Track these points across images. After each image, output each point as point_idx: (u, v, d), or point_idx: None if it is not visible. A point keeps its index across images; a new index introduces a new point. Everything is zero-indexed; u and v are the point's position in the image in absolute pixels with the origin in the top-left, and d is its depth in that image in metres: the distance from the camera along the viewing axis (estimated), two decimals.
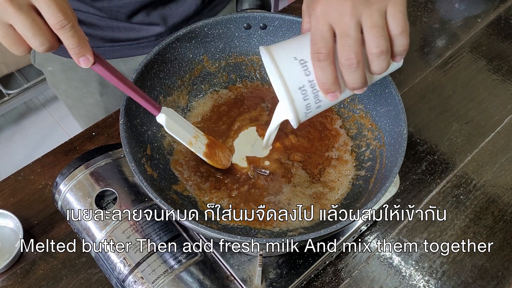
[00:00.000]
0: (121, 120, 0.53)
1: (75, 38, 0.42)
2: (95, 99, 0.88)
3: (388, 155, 0.56)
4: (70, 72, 0.84)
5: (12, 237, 0.67)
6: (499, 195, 0.74)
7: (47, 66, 0.86)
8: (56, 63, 0.84)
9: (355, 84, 0.44)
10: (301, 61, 0.45)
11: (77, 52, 0.43)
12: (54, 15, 0.40)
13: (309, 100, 0.46)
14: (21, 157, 1.87)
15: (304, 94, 0.46)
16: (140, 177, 0.49)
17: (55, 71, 0.86)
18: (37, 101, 2.05)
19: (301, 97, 0.46)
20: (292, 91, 0.45)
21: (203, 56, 0.66)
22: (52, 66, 0.85)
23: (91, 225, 0.58)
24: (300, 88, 0.45)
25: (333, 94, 0.45)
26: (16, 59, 1.73)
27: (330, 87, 0.44)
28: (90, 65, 0.45)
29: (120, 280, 0.55)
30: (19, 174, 0.74)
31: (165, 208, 0.47)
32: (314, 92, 0.46)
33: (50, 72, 0.87)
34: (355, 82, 0.44)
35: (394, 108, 0.57)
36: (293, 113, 0.47)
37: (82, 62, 0.44)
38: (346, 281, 0.65)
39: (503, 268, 0.66)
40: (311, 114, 0.48)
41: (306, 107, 0.47)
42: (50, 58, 0.84)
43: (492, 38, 0.94)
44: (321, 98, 0.46)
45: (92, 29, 0.76)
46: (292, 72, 0.45)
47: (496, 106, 0.83)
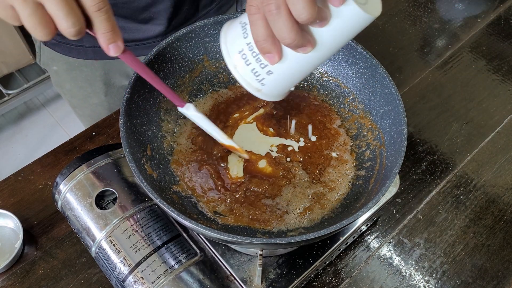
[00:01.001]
0: (121, 120, 0.53)
1: (109, 22, 0.40)
2: (100, 99, 0.88)
3: (388, 155, 0.56)
4: (75, 72, 0.84)
5: (12, 237, 0.68)
6: (499, 195, 0.74)
7: (52, 66, 0.86)
8: (61, 62, 0.84)
9: (284, 36, 0.39)
10: (242, 23, 0.42)
11: (109, 38, 0.41)
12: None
13: (252, 64, 0.43)
14: (21, 157, 1.87)
15: (244, 59, 0.43)
16: (140, 177, 0.49)
17: (60, 70, 0.85)
18: (37, 101, 2.05)
19: (243, 61, 0.43)
20: (232, 56, 0.43)
21: (203, 56, 0.66)
22: (57, 66, 0.85)
23: (91, 225, 0.58)
24: (239, 52, 0.42)
25: (270, 55, 0.41)
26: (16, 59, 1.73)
27: (263, 46, 0.40)
28: (120, 53, 0.42)
29: (120, 280, 0.55)
30: (19, 174, 0.74)
31: (165, 208, 0.47)
32: (254, 55, 0.42)
33: (55, 71, 0.87)
34: (283, 34, 0.38)
35: (394, 108, 0.57)
36: (240, 80, 0.44)
37: (112, 48, 0.42)
38: (346, 281, 0.65)
39: (503, 268, 0.66)
40: (268, 81, 0.44)
41: (253, 73, 0.43)
42: (56, 58, 0.84)
43: (492, 38, 0.94)
44: (264, 61, 0.43)
45: None
46: (233, 37, 0.42)
47: (496, 106, 0.83)
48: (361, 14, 0.38)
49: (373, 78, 0.61)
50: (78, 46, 0.79)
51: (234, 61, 0.43)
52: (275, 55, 0.41)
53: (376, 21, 0.96)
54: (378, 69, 0.59)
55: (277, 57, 0.41)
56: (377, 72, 0.60)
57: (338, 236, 0.61)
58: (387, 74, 0.59)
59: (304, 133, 0.64)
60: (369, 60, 0.61)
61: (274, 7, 0.37)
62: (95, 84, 0.86)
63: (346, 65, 0.65)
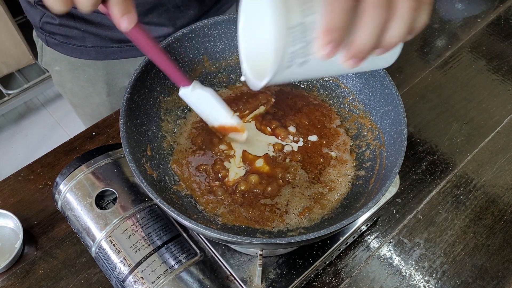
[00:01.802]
0: (121, 120, 0.53)
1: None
2: (102, 99, 0.88)
3: (388, 155, 0.56)
4: (78, 71, 0.84)
5: (12, 237, 0.68)
6: (499, 195, 0.74)
7: (54, 66, 0.86)
8: (64, 63, 0.84)
9: (391, 40, 0.34)
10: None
11: (122, 9, 0.40)
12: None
13: (296, 47, 0.34)
14: (21, 157, 1.87)
15: (293, 37, 0.34)
16: (140, 177, 0.49)
17: (62, 70, 0.86)
18: (37, 101, 2.05)
19: (288, 40, 0.34)
20: (282, 29, 0.33)
21: (203, 56, 0.66)
22: (59, 66, 0.85)
23: (91, 225, 0.58)
24: (291, 28, 0.33)
25: (330, 47, 0.33)
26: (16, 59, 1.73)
27: (334, 36, 0.33)
28: (134, 24, 0.41)
29: (120, 280, 0.55)
30: (19, 174, 0.74)
31: (165, 208, 0.47)
32: (306, 38, 0.34)
33: (57, 71, 0.87)
34: (393, 38, 0.34)
35: (394, 108, 0.57)
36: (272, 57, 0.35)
37: (126, 20, 0.40)
38: (346, 281, 0.65)
39: (503, 268, 0.66)
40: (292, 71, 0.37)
41: (290, 55, 0.35)
42: (58, 58, 0.84)
43: (492, 38, 0.94)
44: (309, 51, 0.35)
45: (101, 29, 0.76)
46: (288, 7, 0.33)
47: (496, 106, 0.83)
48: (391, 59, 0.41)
49: (373, 78, 0.61)
50: (81, 46, 0.79)
51: (281, 35, 0.33)
52: (334, 50, 0.34)
53: None
54: (378, 69, 0.59)
55: (333, 53, 0.34)
56: (377, 72, 0.60)
57: (338, 236, 0.61)
58: (387, 74, 0.59)
59: (303, 133, 0.64)
60: None
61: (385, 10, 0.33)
62: (97, 84, 0.86)
63: None
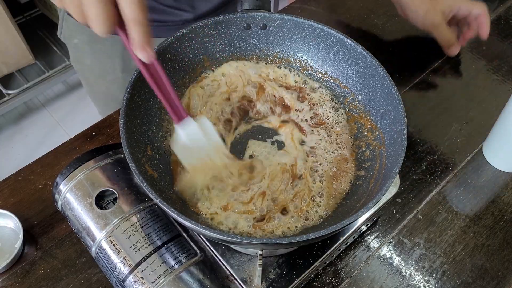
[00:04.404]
0: (121, 120, 0.53)
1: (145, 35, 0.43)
2: (116, 76, 0.89)
3: (388, 155, 0.56)
4: (96, 45, 0.85)
5: (12, 237, 0.68)
6: (499, 195, 0.74)
7: (73, 39, 0.87)
8: (83, 34, 0.84)
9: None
10: None
11: (141, 45, 0.43)
12: (132, 7, 0.41)
13: None
14: (21, 157, 1.87)
15: None
16: (140, 177, 0.49)
17: (81, 43, 0.86)
18: (37, 101, 2.05)
19: None
20: None
21: (203, 56, 0.66)
22: (78, 38, 0.86)
23: (91, 225, 0.58)
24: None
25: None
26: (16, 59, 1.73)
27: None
28: (153, 58, 0.45)
29: (120, 280, 0.55)
30: (19, 174, 0.74)
31: (165, 208, 0.47)
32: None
33: (75, 45, 0.87)
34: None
35: (394, 108, 0.57)
36: None
37: (141, 54, 0.44)
38: (346, 281, 0.65)
39: (503, 268, 0.66)
40: None
41: None
42: (78, 30, 0.84)
43: (492, 38, 0.94)
44: None
45: None
46: None
47: (496, 106, 0.83)
48: None
49: (373, 78, 0.61)
50: None
51: None
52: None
53: (376, 21, 0.96)
54: (378, 69, 0.59)
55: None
56: (377, 72, 0.60)
57: (338, 236, 0.61)
58: (387, 74, 0.59)
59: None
60: (369, 60, 0.61)
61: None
62: (114, 60, 0.87)
63: (346, 65, 0.65)
